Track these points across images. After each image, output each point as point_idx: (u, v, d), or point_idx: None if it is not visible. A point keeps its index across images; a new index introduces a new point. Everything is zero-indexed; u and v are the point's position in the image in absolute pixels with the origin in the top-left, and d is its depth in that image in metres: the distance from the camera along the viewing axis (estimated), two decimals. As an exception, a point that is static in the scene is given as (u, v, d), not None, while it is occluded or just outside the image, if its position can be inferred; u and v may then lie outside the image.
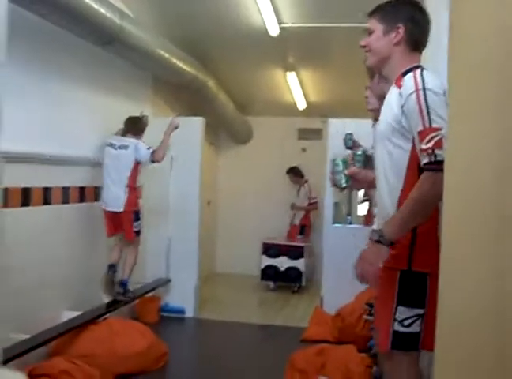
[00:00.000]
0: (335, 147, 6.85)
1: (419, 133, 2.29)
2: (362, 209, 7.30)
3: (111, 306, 5.82)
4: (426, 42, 2.58)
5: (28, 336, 4.42)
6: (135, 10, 6.19)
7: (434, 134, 2.24)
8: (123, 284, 6.09)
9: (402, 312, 2.38)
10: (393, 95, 2.47)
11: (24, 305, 4.67)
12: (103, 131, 6.10)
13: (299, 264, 9.16)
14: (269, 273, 9.26)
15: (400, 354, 2.42)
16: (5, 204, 4.39)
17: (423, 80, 2.34)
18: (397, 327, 2.39)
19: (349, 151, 4.23)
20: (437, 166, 2.15)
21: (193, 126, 7.16)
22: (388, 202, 2.47)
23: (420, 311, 2.34)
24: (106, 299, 5.98)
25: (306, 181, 9.78)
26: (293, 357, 4.67)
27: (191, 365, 5.72)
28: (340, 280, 6.76)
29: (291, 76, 8.12)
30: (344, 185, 2.95)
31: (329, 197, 6.99)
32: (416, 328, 2.35)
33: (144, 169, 6.29)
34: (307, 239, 9.67)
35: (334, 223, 7.01)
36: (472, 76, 1.41)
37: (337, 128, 6.76)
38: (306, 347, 5.11)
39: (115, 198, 5.80)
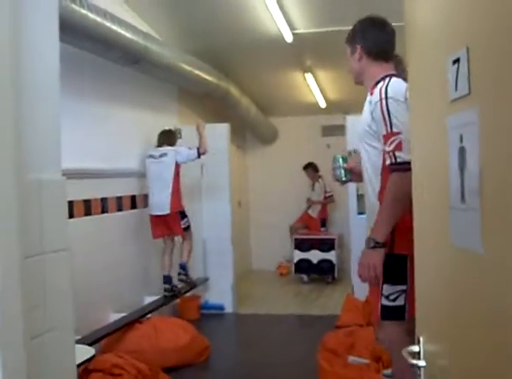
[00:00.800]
0: (354, 142, 7.23)
1: (383, 136, 2.68)
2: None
3: (154, 306, 6.26)
4: (386, 51, 2.96)
5: (79, 337, 4.85)
6: (159, 29, 6.66)
7: (394, 138, 2.62)
8: (182, 267, 6.76)
9: (387, 289, 2.74)
10: (366, 103, 2.89)
11: (75, 308, 5.12)
12: (141, 143, 6.74)
13: (331, 256, 9.50)
14: (302, 267, 9.61)
15: (389, 324, 2.80)
16: (71, 215, 5.09)
17: (386, 90, 2.72)
18: (385, 301, 2.75)
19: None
20: (399, 166, 2.53)
21: (220, 132, 7.59)
22: (372, 198, 2.85)
23: (403, 287, 2.70)
24: (148, 300, 6.47)
25: (320, 177, 10.18)
26: (325, 339, 5.03)
27: (232, 356, 6.11)
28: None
29: (309, 77, 8.46)
30: (343, 178, 3.29)
31: (352, 189, 7.30)
32: (401, 301, 2.72)
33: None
34: (328, 231, 10.09)
35: (359, 213, 7.32)
36: (428, 78, 1.74)
37: (355, 124, 7.07)
38: (338, 330, 5.48)
39: (161, 203, 6.39)
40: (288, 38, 6.90)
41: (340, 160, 3.31)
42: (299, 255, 9.65)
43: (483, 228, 1.33)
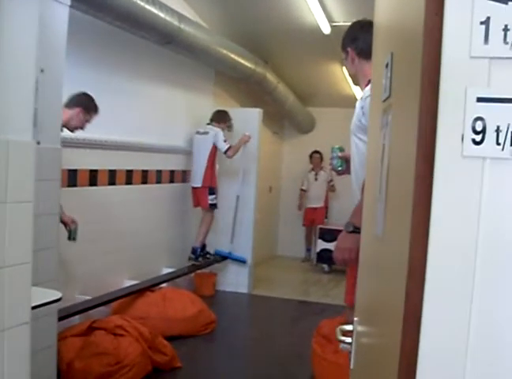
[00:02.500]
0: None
1: None
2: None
3: (168, 277, 6.55)
4: None
5: (89, 297, 5.15)
6: (200, 13, 6.90)
7: None
8: (193, 251, 7.14)
9: None
10: (358, 99, 3.02)
11: (92, 271, 5.43)
12: (183, 123, 7.23)
13: (354, 248, 9.58)
14: (323, 256, 9.74)
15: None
16: (113, 183, 5.75)
17: None
18: None
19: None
20: None
21: (252, 117, 7.78)
22: (355, 188, 3.00)
23: None
24: (166, 271, 6.78)
25: (323, 166, 10.35)
26: (320, 325, 5.20)
27: (236, 332, 6.32)
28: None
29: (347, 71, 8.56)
30: (339, 168, 3.43)
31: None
32: None
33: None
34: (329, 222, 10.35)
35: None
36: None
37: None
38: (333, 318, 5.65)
39: (196, 176, 7.03)
40: (326, 30, 7.04)
41: (337, 151, 3.46)
42: (322, 245, 9.80)
43: (385, 217, 1.50)
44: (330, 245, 9.65)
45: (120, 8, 4.74)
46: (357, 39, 3.07)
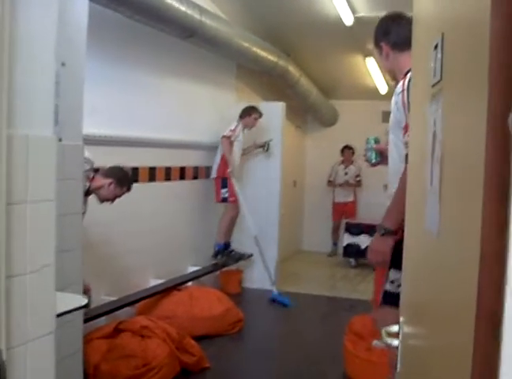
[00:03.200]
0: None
1: (403, 127, 2.67)
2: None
3: (194, 275, 6.45)
4: (410, 38, 2.92)
5: (114, 298, 5.06)
6: (220, 5, 6.76)
7: None
8: (216, 250, 7.03)
9: (394, 274, 2.68)
10: (394, 94, 2.87)
11: (116, 271, 5.35)
12: (205, 118, 7.11)
13: (381, 242, 9.45)
14: (350, 251, 9.63)
15: (388, 308, 2.78)
16: (136, 180, 5.55)
17: (409, 81, 2.70)
18: (389, 286, 2.70)
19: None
20: None
21: (275, 111, 7.63)
22: (393, 188, 2.86)
23: None
24: (191, 270, 6.69)
25: (353, 160, 10.21)
26: (352, 321, 5.07)
27: (265, 331, 6.23)
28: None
29: (371, 62, 8.40)
30: (373, 160, 3.29)
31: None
32: None
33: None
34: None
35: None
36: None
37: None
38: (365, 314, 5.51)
39: (214, 166, 6.94)
40: (348, 21, 6.88)
41: (372, 141, 3.31)
42: (348, 239, 9.67)
43: (441, 211, 1.36)
44: (357, 239, 9.55)
45: (141, 2, 4.64)
46: (389, 32, 2.95)
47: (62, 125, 2.80)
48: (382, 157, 3.24)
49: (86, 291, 4.22)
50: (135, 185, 5.65)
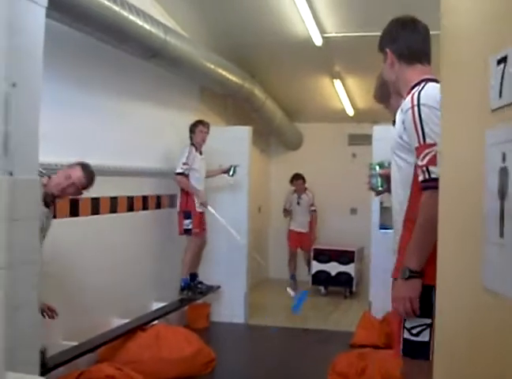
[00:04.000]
0: (380, 152, 6.91)
1: (416, 149, 2.34)
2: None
3: (161, 313, 6.02)
4: (421, 51, 2.60)
5: (75, 343, 4.59)
6: (182, 23, 6.39)
7: (428, 151, 2.27)
8: (182, 284, 6.56)
9: (411, 321, 2.38)
10: (399, 110, 2.53)
11: (76, 311, 4.89)
12: (168, 143, 6.71)
13: (350, 268, 9.19)
14: (320, 278, 9.33)
15: (412, 361, 2.44)
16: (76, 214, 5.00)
17: (418, 96, 2.38)
18: (407, 335, 2.40)
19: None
20: (433, 183, 2.15)
21: (241, 135, 7.29)
22: (398, 216, 2.53)
23: (428, 321, 2.33)
24: (156, 306, 6.27)
25: (306, 189, 9.78)
26: (336, 361, 4.73)
27: (239, 371, 5.81)
28: (387, 285, 6.75)
29: (338, 84, 8.16)
30: (379, 188, 2.95)
31: (375, 204, 6.98)
32: (425, 337, 2.35)
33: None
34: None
35: (382, 228, 7.01)
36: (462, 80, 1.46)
37: (382, 134, 6.83)
38: (350, 351, 5.17)
39: (176, 199, 6.54)
40: (318, 41, 6.62)
41: (377, 167, 2.97)
42: (317, 266, 9.36)
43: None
44: (326, 267, 9.26)
45: (101, 18, 4.26)
46: (397, 39, 2.60)
47: (12, 156, 2.39)
48: (389, 183, 2.88)
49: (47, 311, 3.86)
50: (95, 218, 5.25)
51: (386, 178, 2.85)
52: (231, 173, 6.88)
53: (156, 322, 5.73)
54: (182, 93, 7.07)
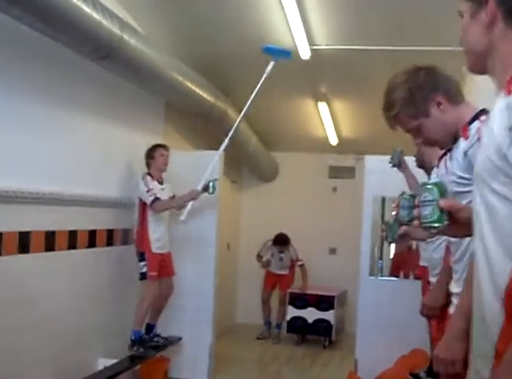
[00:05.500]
0: (373, 187, 5.99)
1: None
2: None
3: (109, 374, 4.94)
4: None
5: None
6: (145, 26, 5.37)
7: None
8: (133, 338, 5.41)
9: None
10: (498, 109, 1.44)
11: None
12: (125, 169, 5.70)
13: (329, 315, 8.22)
14: (295, 325, 8.36)
15: None
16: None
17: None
18: None
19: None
20: None
21: (211, 162, 6.19)
22: (490, 295, 1.41)
23: None
24: (103, 363, 5.18)
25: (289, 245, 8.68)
26: None
27: None
28: (377, 340, 5.83)
29: (323, 107, 7.22)
30: (436, 224, 1.80)
31: (365, 245, 6.03)
32: None
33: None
34: None
35: (371, 275, 6.06)
36: None
37: (375, 165, 5.93)
38: None
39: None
40: (305, 54, 5.69)
41: (435, 191, 1.82)
42: (293, 312, 8.36)
43: None
44: (302, 313, 8.27)
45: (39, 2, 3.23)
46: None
47: None
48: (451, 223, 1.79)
49: None
50: (24, 257, 4.17)
51: (448, 213, 1.77)
52: (210, 190, 5.72)
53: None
54: (144, 109, 6.07)
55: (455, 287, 2.15)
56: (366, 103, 7.16)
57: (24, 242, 4.14)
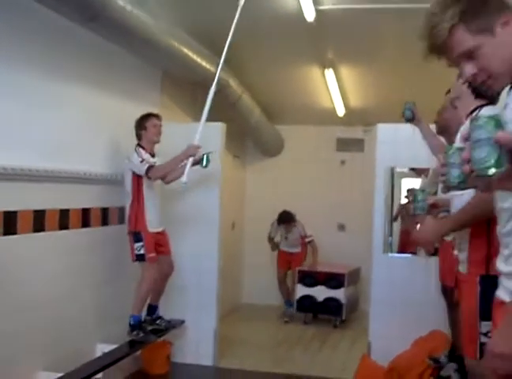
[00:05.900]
0: (385, 157, 5.61)
1: None
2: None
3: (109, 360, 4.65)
4: None
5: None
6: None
7: None
8: (132, 323, 5.04)
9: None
10: None
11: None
12: (121, 143, 5.32)
13: (339, 294, 7.92)
14: (304, 304, 8.05)
15: None
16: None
17: None
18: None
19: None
20: None
21: (212, 134, 5.80)
22: None
23: None
24: (101, 348, 4.90)
25: (295, 223, 8.35)
26: None
27: None
28: (391, 320, 5.50)
29: (330, 75, 6.82)
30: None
31: (378, 221, 5.67)
32: None
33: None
34: None
35: (384, 252, 5.71)
36: None
37: (389, 135, 5.57)
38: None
39: (126, 217, 5.10)
40: (310, 16, 5.29)
41: (492, 126, 1.40)
42: (302, 290, 8.07)
43: None
44: (311, 291, 7.98)
45: None
46: None
47: None
48: None
49: None
50: (11, 239, 3.84)
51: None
52: (204, 163, 5.32)
53: (100, 376, 4.35)
54: (139, 78, 5.69)
55: (504, 266, 1.79)
56: (375, 69, 6.79)
57: (10, 223, 3.81)
